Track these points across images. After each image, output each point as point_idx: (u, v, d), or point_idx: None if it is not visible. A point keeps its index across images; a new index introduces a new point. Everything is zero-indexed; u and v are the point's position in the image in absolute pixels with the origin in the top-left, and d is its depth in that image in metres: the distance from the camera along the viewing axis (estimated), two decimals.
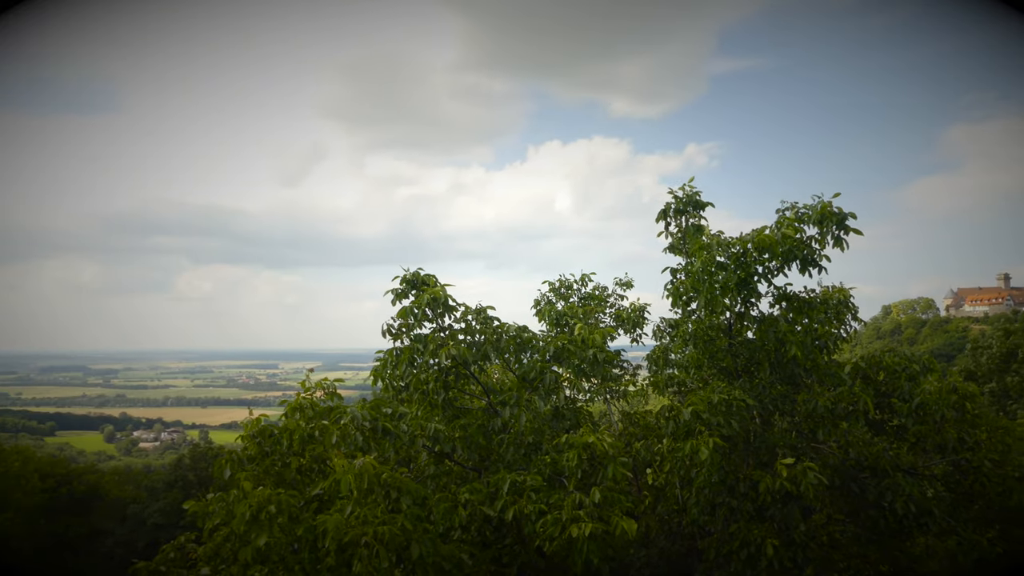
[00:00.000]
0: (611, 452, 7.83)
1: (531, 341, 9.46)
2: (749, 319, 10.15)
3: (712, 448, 8.05)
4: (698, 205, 11.44)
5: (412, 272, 9.32)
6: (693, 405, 8.58)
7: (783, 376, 9.77)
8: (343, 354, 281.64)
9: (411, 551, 6.39)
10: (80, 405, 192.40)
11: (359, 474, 6.57)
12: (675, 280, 10.82)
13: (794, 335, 9.49)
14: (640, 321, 13.52)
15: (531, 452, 8.77)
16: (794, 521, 8.67)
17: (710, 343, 10.15)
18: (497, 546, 8.67)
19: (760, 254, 9.55)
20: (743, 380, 9.90)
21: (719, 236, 10.13)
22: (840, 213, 9.35)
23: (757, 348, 9.89)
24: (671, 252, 11.69)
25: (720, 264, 9.65)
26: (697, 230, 11.25)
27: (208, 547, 8.22)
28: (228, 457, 9.07)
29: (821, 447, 9.57)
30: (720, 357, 10.05)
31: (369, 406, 8.27)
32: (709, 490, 8.72)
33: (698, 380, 10.70)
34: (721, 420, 8.46)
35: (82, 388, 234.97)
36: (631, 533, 7.07)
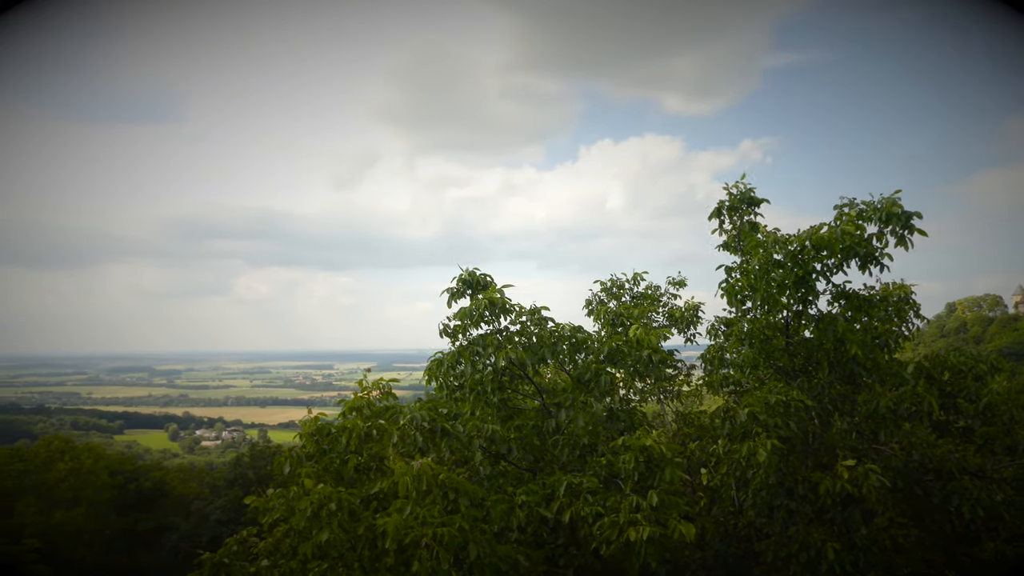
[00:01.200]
0: (668, 455, 7.77)
1: (585, 342, 9.44)
2: (807, 317, 9.94)
3: (770, 450, 7.91)
4: (753, 202, 11.25)
5: (468, 272, 9.39)
6: (750, 406, 8.45)
7: (842, 376, 9.55)
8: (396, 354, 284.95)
9: (469, 552, 6.46)
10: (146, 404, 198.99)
11: (417, 476, 6.67)
12: (730, 278, 10.66)
13: (854, 334, 9.26)
14: (694, 320, 13.37)
15: (586, 454, 8.75)
16: (855, 524, 8.47)
17: (766, 342, 9.98)
18: (551, 546, 8.69)
19: (818, 252, 9.35)
20: (801, 380, 9.71)
21: (775, 233, 9.96)
22: (905, 212, 9.09)
23: (815, 347, 9.68)
24: (725, 250, 11.53)
25: (776, 262, 9.48)
26: (752, 227, 11.07)
27: (269, 542, 8.45)
28: (287, 455, 9.32)
29: (883, 449, 9.32)
30: (777, 356, 9.87)
31: (427, 406, 8.37)
32: (766, 492, 8.58)
33: (754, 380, 10.53)
34: (779, 421, 8.31)
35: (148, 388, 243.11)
36: (689, 537, 7.02)
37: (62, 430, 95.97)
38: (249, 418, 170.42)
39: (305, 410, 9.78)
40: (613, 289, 14.17)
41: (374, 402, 9.42)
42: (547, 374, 11.77)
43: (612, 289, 14.17)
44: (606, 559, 7.61)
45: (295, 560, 7.98)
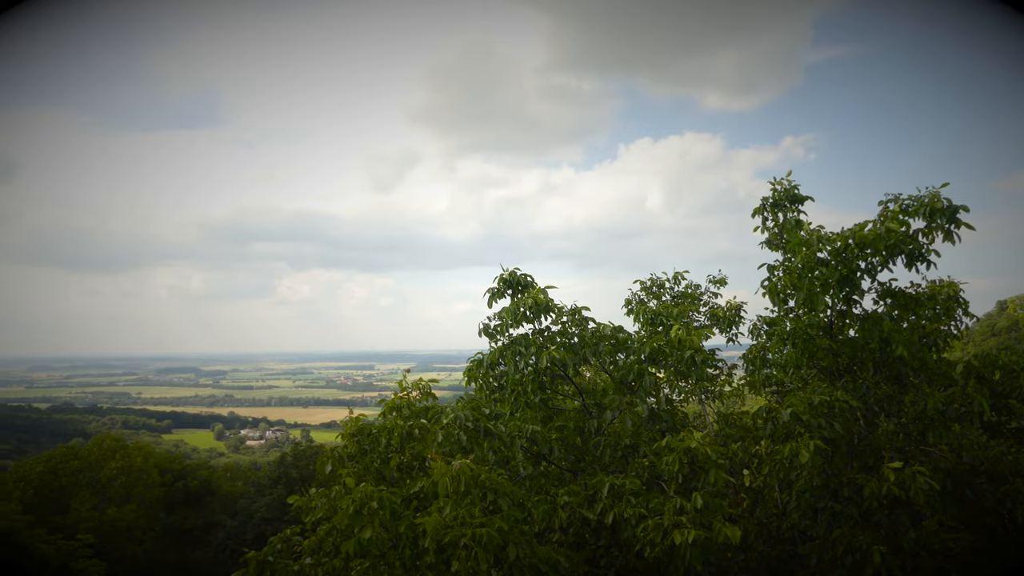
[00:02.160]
0: (713, 457, 7.70)
1: (626, 342, 9.40)
2: (851, 317, 9.77)
3: (813, 451, 7.79)
4: (796, 199, 11.08)
5: (509, 272, 9.41)
6: (793, 406, 8.32)
7: (888, 376, 9.36)
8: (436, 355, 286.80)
9: (508, 552, 6.48)
10: (193, 404, 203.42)
11: (456, 476, 6.71)
12: (772, 277, 10.52)
13: (900, 333, 9.07)
14: (736, 320, 13.21)
15: (628, 455, 8.72)
16: (903, 528, 8.29)
17: (809, 342, 9.82)
18: (592, 547, 8.67)
19: (862, 249, 9.17)
20: (845, 380, 9.54)
21: (819, 231, 9.80)
22: (950, 206, 8.86)
23: (860, 347, 9.50)
24: (768, 248, 11.38)
25: (820, 260, 9.33)
26: (796, 225, 10.91)
27: (312, 540, 8.58)
28: (329, 455, 9.46)
29: (931, 451, 9.10)
30: (820, 356, 9.71)
31: (470, 406, 8.42)
32: (810, 494, 8.45)
33: (797, 380, 10.37)
34: (822, 422, 8.18)
35: (194, 388, 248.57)
36: (735, 540, 6.95)
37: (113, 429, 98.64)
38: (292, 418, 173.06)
39: (346, 410, 9.90)
40: (653, 288, 14.08)
41: (414, 402, 9.51)
42: (587, 374, 11.74)
43: (652, 288, 14.08)
44: (649, 561, 7.56)
45: (338, 558, 8.10)
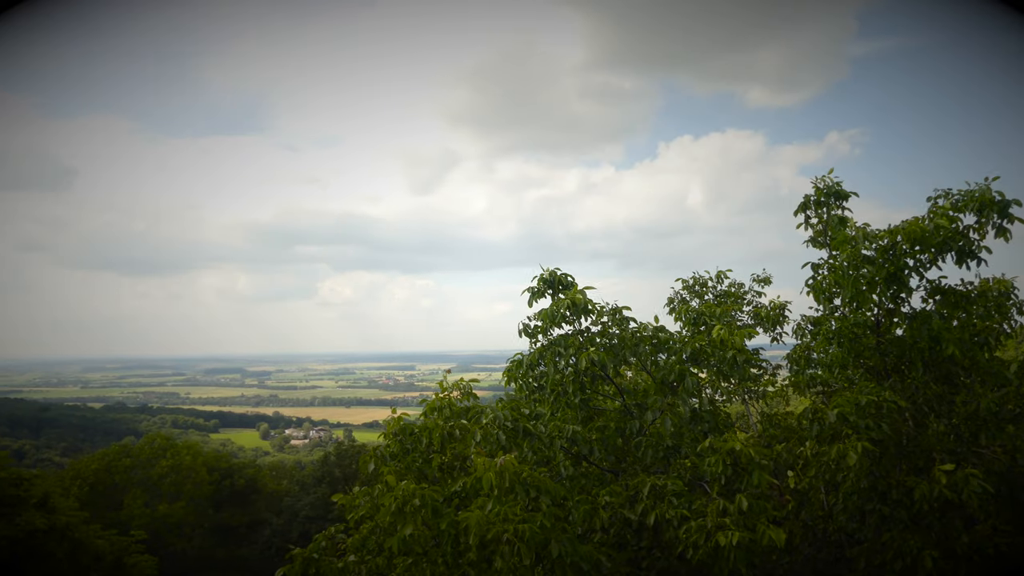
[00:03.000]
0: (757, 458, 7.60)
1: (667, 342, 9.32)
2: (899, 315, 9.55)
3: (861, 453, 7.64)
4: (840, 195, 10.88)
5: (549, 272, 9.41)
6: (839, 407, 8.17)
7: (938, 376, 9.13)
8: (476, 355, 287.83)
9: (551, 550, 6.49)
10: (239, 404, 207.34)
11: (500, 472, 6.74)
12: (817, 275, 10.34)
13: (950, 331, 8.84)
14: (780, 319, 13.02)
15: (670, 455, 8.65)
16: (955, 532, 8.07)
17: (856, 341, 9.63)
18: (634, 548, 8.63)
19: (911, 246, 8.96)
20: (893, 380, 9.33)
21: (865, 228, 9.61)
22: (1002, 200, 8.61)
23: (908, 346, 9.28)
24: (813, 246, 11.19)
25: (866, 258, 9.15)
26: (840, 222, 10.71)
27: (355, 538, 8.69)
28: (372, 454, 9.58)
29: (984, 452, 8.85)
30: (867, 356, 9.52)
31: (509, 406, 8.45)
32: (858, 496, 8.28)
33: (843, 380, 10.18)
34: (870, 423, 8.01)
35: (240, 389, 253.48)
36: (779, 542, 6.86)
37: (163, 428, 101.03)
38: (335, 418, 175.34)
39: (388, 410, 10.02)
40: (696, 287, 13.94)
41: (455, 402, 9.58)
42: (628, 375, 11.68)
43: (695, 287, 13.95)
44: (692, 564, 7.50)
45: (381, 556, 8.20)
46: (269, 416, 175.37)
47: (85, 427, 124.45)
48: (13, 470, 25.43)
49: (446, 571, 7.44)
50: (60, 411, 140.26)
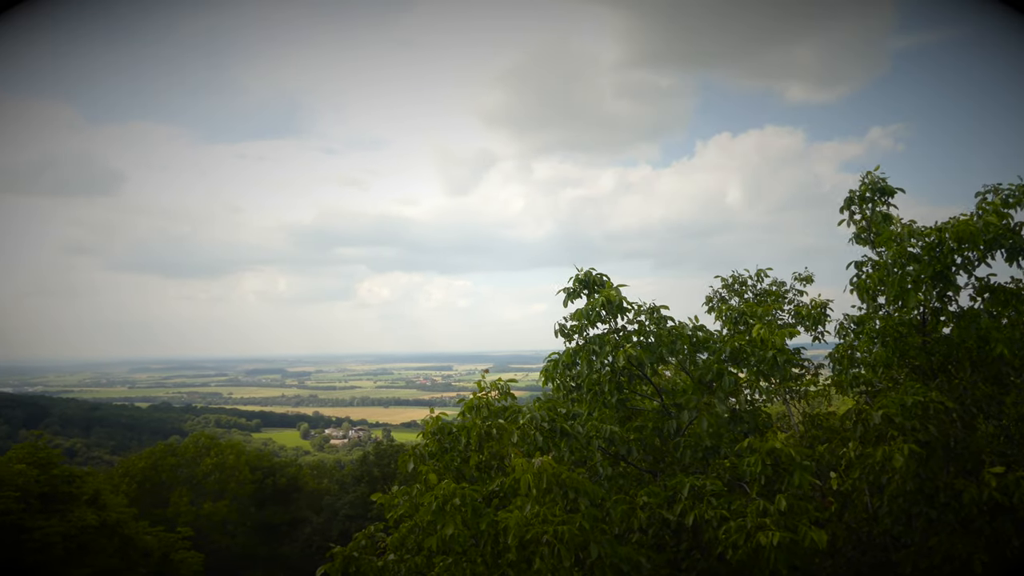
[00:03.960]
0: (797, 458, 7.50)
1: (706, 341, 9.24)
2: (946, 314, 9.34)
3: (907, 455, 7.48)
4: (886, 192, 10.68)
5: (585, 272, 9.40)
6: (884, 408, 8.01)
7: (987, 376, 8.90)
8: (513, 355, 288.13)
9: (590, 551, 6.48)
10: (280, 404, 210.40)
11: (538, 473, 6.75)
12: (861, 273, 10.16)
13: (1000, 331, 8.61)
14: (822, 318, 12.82)
15: (709, 456, 8.58)
16: (1006, 536, 7.85)
17: (900, 340, 9.44)
18: (673, 549, 8.57)
19: (958, 244, 8.75)
20: (940, 380, 9.12)
21: (910, 225, 9.42)
22: None
23: (956, 345, 9.07)
24: (856, 243, 11.01)
25: (912, 255, 8.96)
26: (885, 219, 10.51)
27: (395, 537, 8.77)
28: (411, 453, 9.66)
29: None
30: (912, 355, 9.32)
31: (546, 406, 8.46)
32: (903, 499, 8.10)
33: (887, 380, 9.98)
34: (916, 424, 7.84)
35: (281, 389, 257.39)
36: (821, 544, 6.75)
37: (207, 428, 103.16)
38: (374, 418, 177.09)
39: (426, 410, 10.09)
40: (735, 286, 13.80)
41: (492, 402, 9.61)
42: (667, 374, 11.61)
43: (734, 286, 13.81)
44: (732, 564, 7.42)
45: (420, 555, 8.27)
46: (309, 416, 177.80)
47: (133, 426, 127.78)
48: (66, 468, 26.25)
49: (485, 571, 7.48)
50: (109, 411, 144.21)
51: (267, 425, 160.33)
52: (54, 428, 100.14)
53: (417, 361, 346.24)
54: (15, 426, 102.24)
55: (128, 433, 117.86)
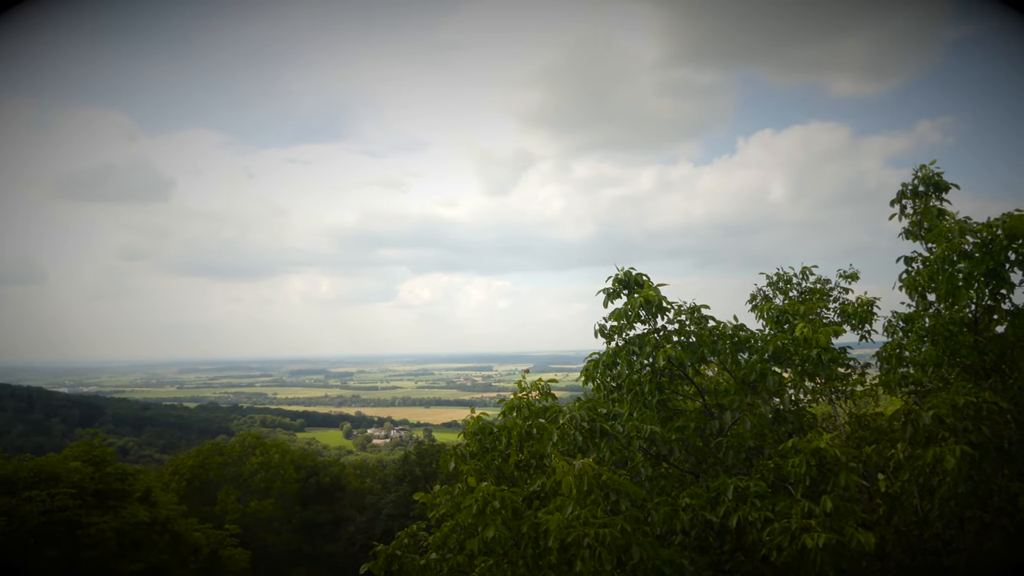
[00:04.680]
0: (843, 459, 7.35)
1: (748, 340, 9.12)
2: (999, 312, 9.06)
3: (959, 456, 7.28)
4: (940, 187, 10.40)
5: (624, 271, 9.35)
6: (934, 408, 7.81)
7: None
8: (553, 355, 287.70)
9: (632, 553, 6.44)
10: (323, 404, 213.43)
11: (579, 475, 6.73)
12: (911, 270, 9.92)
13: None
14: (868, 316, 12.54)
15: (752, 456, 8.46)
16: None
17: (951, 339, 9.18)
18: (716, 551, 8.47)
19: (1012, 240, 8.49)
20: (993, 380, 8.85)
21: (964, 221, 9.17)
22: None
23: (1010, 344, 8.81)
24: (908, 238, 10.75)
25: (964, 252, 8.72)
26: (939, 214, 10.25)
27: (437, 536, 8.84)
28: (452, 453, 9.72)
29: None
30: (964, 354, 9.06)
31: (586, 406, 8.43)
32: (955, 502, 7.88)
33: (937, 380, 9.72)
34: (968, 425, 7.62)
35: (324, 389, 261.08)
36: (868, 547, 6.61)
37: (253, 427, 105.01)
38: (415, 418, 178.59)
39: (467, 410, 10.14)
40: (780, 284, 13.60)
41: (533, 402, 9.62)
42: (709, 373, 11.48)
43: (778, 284, 13.61)
44: (776, 567, 7.31)
45: (462, 555, 8.32)
46: (352, 416, 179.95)
47: (181, 425, 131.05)
48: (119, 465, 27.02)
49: (526, 573, 7.49)
50: (159, 410, 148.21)
51: (311, 425, 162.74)
52: (108, 427, 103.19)
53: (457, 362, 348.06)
54: (71, 425, 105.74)
55: (177, 432, 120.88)
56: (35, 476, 23.73)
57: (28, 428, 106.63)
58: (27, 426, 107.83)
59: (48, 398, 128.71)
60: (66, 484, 23.47)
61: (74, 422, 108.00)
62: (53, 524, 22.58)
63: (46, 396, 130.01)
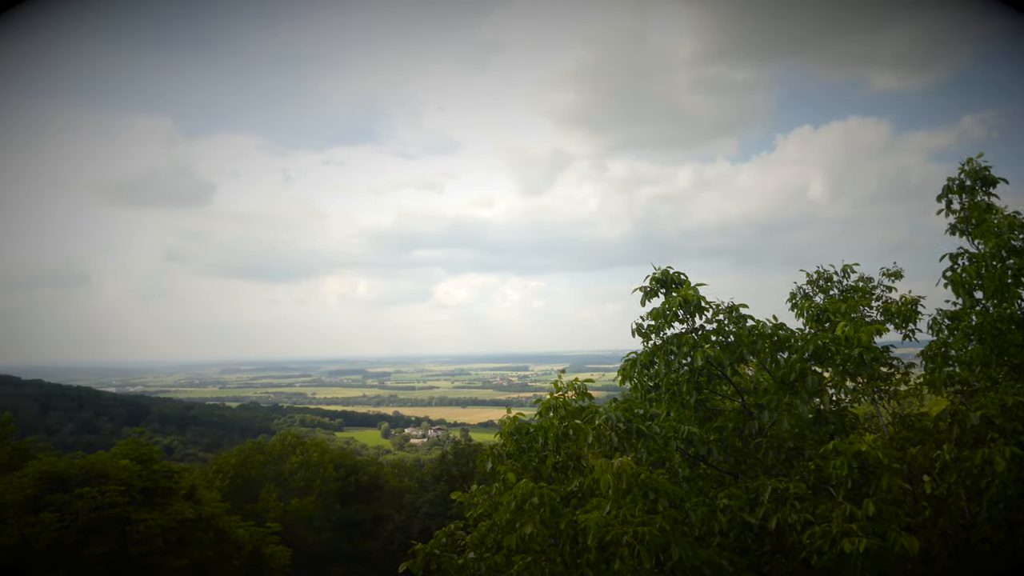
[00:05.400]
0: (885, 461, 7.21)
1: (788, 339, 9.00)
2: None
3: (1009, 458, 7.09)
4: (988, 181, 10.15)
5: (662, 270, 9.30)
6: (982, 408, 7.62)
7: None
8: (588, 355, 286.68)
9: (671, 553, 6.42)
10: (361, 404, 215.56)
11: (618, 473, 6.73)
12: (956, 266, 9.69)
13: None
14: (912, 315, 12.28)
15: (792, 457, 8.35)
16: None
17: (999, 337, 8.97)
18: (756, 553, 8.38)
19: None
20: None
21: (1013, 216, 8.94)
22: None
23: None
24: (955, 234, 10.51)
25: (1013, 248, 8.50)
26: (987, 209, 10.00)
27: (474, 535, 8.90)
28: (489, 452, 9.78)
29: None
30: (1012, 353, 8.84)
31: (622, 407, 8.42)
32: (1005, 505, 7.67)
33: (985, 379, 9.48)
34: (1018, 426, 7.43)
35: (362, 389, 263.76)
36: (912, 551, 6.48)
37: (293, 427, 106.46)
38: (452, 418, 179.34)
39: (503, 410, 10.19)
40: (820, 283, 13.39)
41: (569, 402, 9.63)
42: (748, 373, 11.35)
43: (819, 282, 13.40)
44: (817, 570, 7.20)
45: (499, 554, 8.36)
46: (389, 416, 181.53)
47: (224, 425, 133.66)
48: (165, 464, 27.67)
49: (564, 571, 7.50)
50: (202, 410, 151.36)
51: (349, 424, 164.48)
52: (154, 426, 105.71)
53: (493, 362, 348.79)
54: (119, 423, 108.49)
55: (219, 431, 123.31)
56: (86, 473, 24.44)
57: (78, 427, 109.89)
58: (77, 425, 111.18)
59: (96, 398, 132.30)
60: (115, 481, 24.12)
61: (121, 421, 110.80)
62: (103, 520, 23.21)
63: (95, 396, 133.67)
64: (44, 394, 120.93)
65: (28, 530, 22.32)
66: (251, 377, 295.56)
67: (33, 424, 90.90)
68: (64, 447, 44.46)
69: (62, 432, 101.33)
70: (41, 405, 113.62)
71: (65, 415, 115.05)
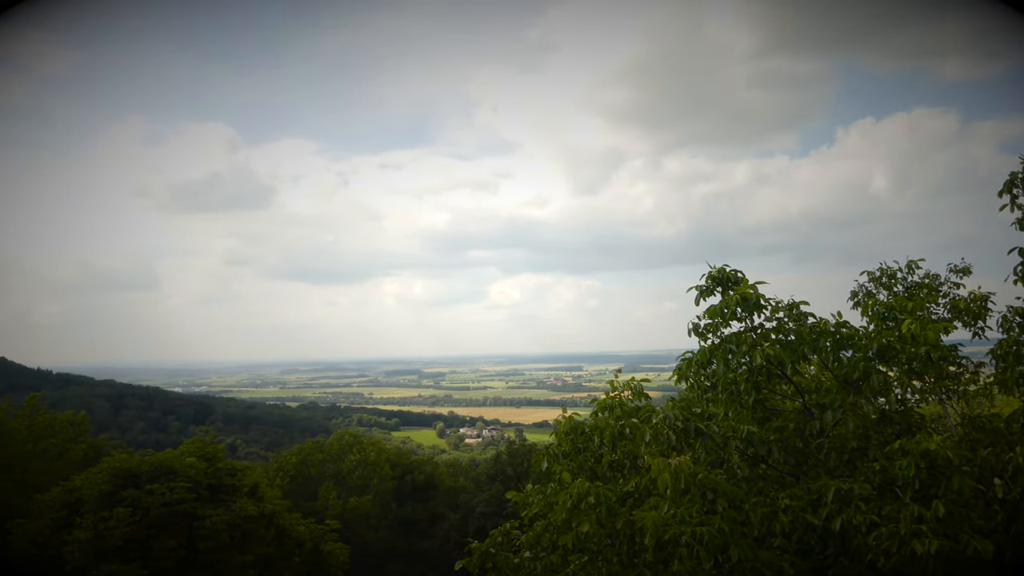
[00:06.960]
0: (956, 462, 6.99)
1: (851, 338, 8.78)
2: None
3: None
4: None
5: (718, 268, 9.19)
6: None
7: None
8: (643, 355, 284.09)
9: (730, 554, 6.35)
10: (416, 404, 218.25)
11: (675, 473, 6.69)
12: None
13: None
14: (982, 312, 11.85)
15: (855, 458, 8.16)
16: None
17: None
18: (819, 555, 8.21)
19: None
20: None
21: None
22: None
23: None
24: (1022, 228, 10.11)
25: None
26: None
27: (529, 535, 8.95)
28: (544, 452, 9.81)
29: None
30: None
31: (680, 406, 8.35)
32: None
33: None
34: None
35: (417, 389, 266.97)
36: (987, 555, 6.28)
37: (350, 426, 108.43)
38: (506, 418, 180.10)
39: (558, 410, 10.19)
40: (883, 279, 13.04)
41: (626, 402, 9.59)
42: (809, 372, 11.13)
43: (882, 279, 13.05)
44: (884, 573, 7.02)
45: (555, 553, 8.40)
46: (444, 416, 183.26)
47: (284, 424, 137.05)
48: (228, 462, 28.54)
49: (621, 571, 7.49)
50: (263, 410, 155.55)
51: (405, 424, 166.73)
52: (218, 425, 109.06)
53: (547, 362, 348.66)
54: (185, 422, 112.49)
55: (280, 431, 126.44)
56: (155, 470, 25.39)
57: (148, 425, 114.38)
58: (147, 423, 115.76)
59: (165, 397, 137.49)
60: (183, 478, 24.99)
61: (188, 420, 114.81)
62: (172, 516, 24.08)
63: (163, 395, 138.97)
64: (116, 394, 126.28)
65: (103, 524, 23.30)
66: (310, 377, 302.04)
67: (106, 422, 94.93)
68: (135, 445, 46.25)
69: (133, 430, 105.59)
70: (113, 404, 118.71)
71: (136, 414, 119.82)
